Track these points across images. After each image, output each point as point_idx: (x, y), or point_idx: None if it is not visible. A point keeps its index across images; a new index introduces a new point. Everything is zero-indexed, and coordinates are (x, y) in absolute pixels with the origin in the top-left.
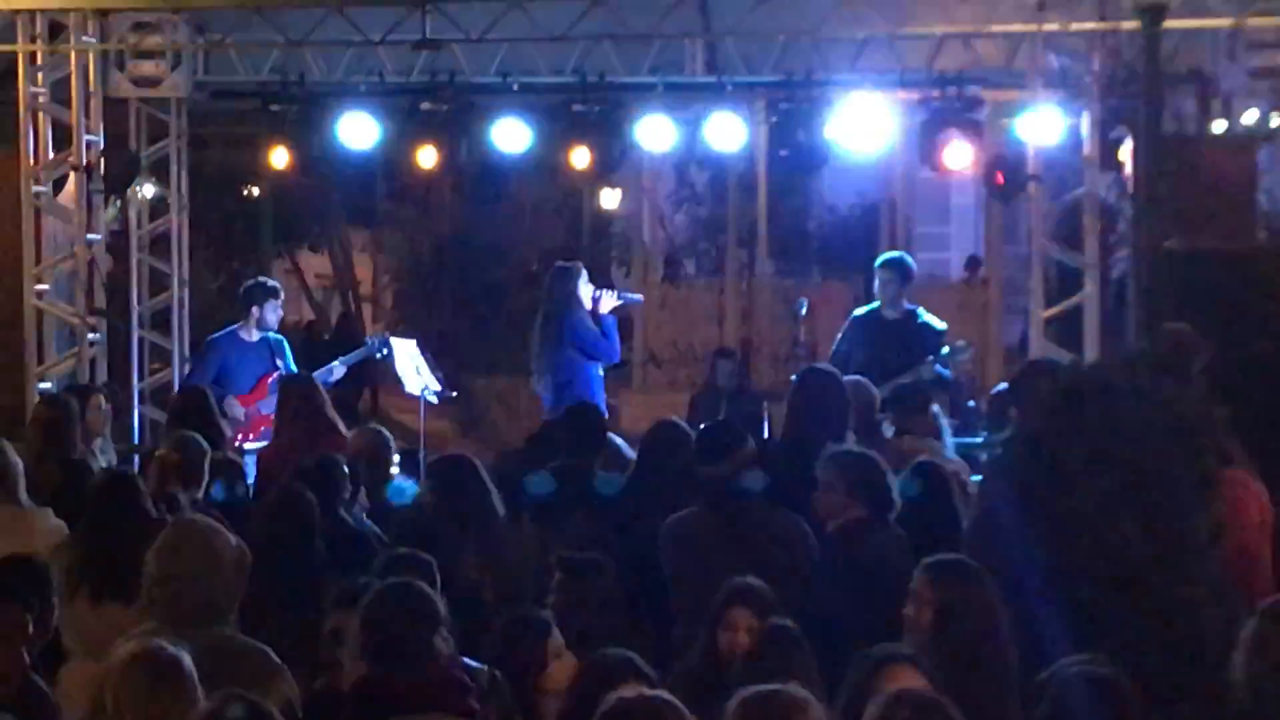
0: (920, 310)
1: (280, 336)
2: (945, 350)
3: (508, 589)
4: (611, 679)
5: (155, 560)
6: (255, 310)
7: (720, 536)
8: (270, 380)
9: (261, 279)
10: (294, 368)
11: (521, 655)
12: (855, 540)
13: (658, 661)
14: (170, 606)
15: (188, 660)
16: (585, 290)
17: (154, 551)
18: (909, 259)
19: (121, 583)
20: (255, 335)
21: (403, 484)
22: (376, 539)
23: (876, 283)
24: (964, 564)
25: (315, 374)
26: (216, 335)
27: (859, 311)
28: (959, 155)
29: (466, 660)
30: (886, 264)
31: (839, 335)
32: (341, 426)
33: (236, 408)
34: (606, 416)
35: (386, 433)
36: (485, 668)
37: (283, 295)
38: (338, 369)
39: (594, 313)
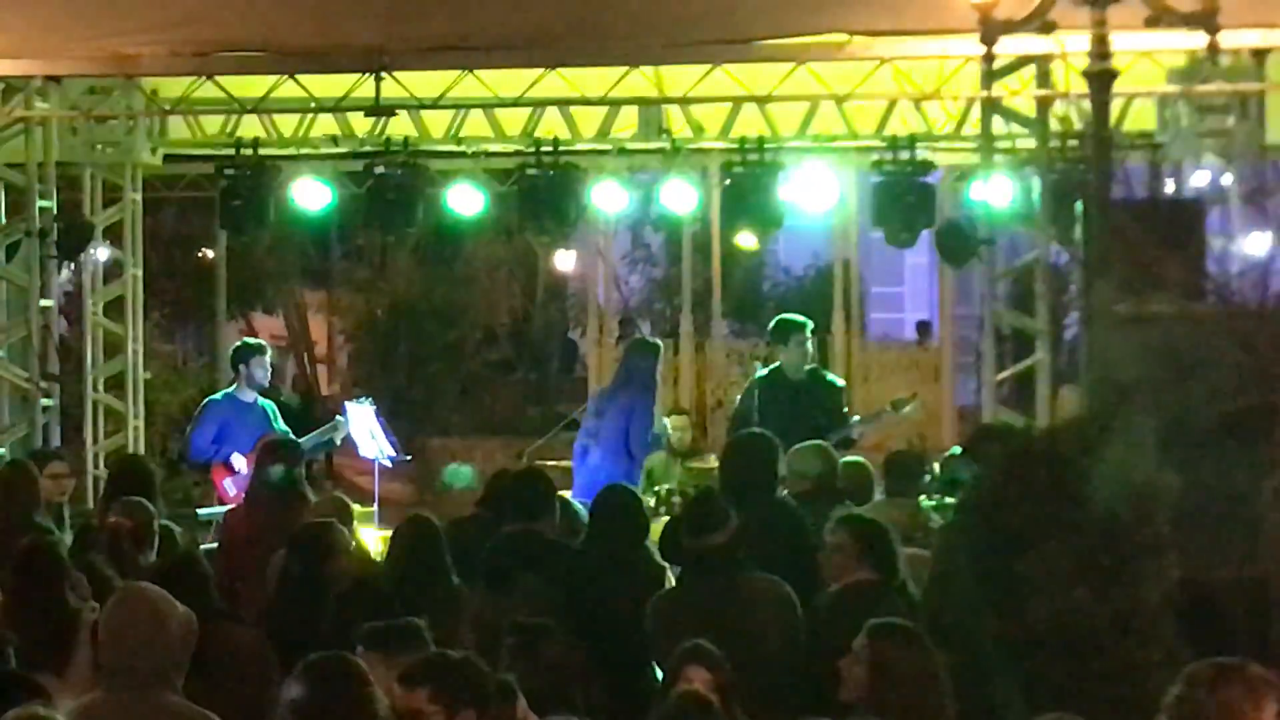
0: (821, 369)
1: (268, 402)
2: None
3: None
4: None
5: (103, 625)
6: (244, 369)
7: (708, 609)
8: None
9: (247, 339)
10: (286, 431)
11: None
12: (861, 601)
13: None
14: (115, 672)
15: None
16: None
17: (102, 616)
18: None
19: (50, 656)
20: (250, 396)
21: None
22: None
23: (791, 344)
24: (904, 627)
25: (314, 435)
26: (215, 396)
27: (761, 373)
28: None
29: None
30: (805, 326)
31: (740, 397)
32: (310, 494)
33: (242, 462)
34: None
35: (347, 500)
36: None
37: (270, 352)
38: (343, 425)
39: None
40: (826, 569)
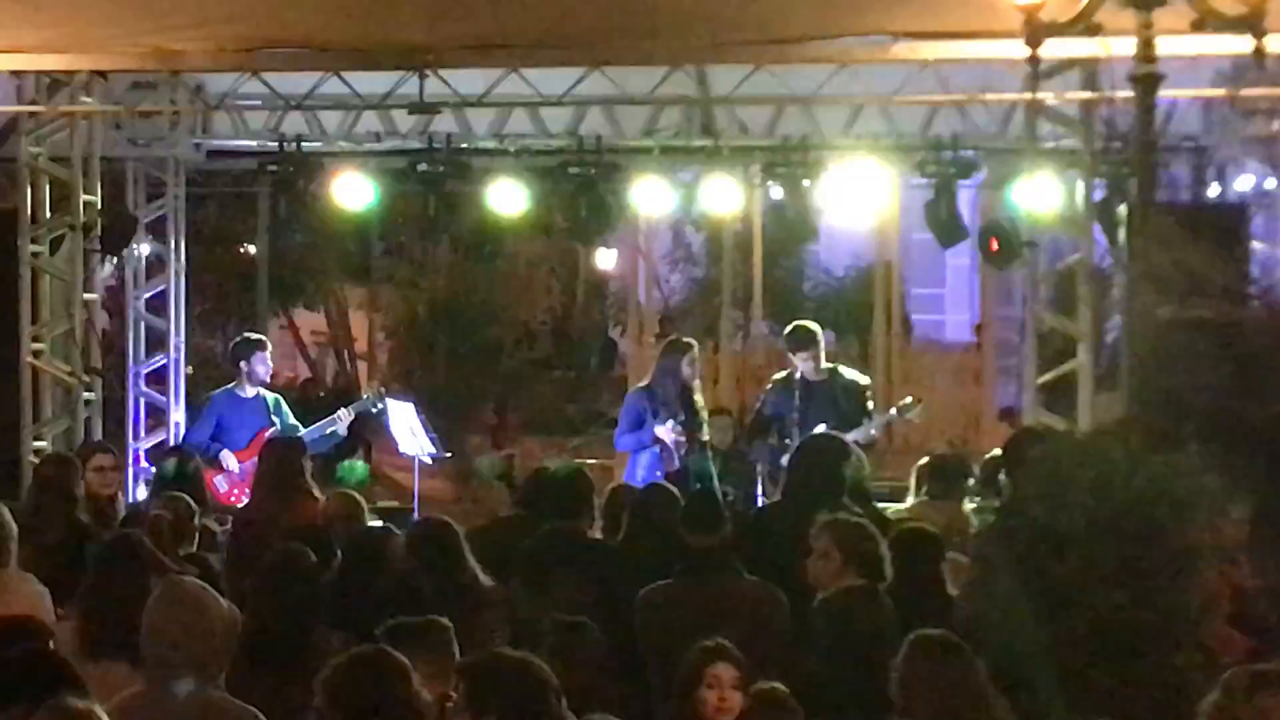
0: (839, 367)
1: (276, 395)
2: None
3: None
4: None
5: (146, 617)
6: (244, 365)
7: (698, 607)
8: (265, 436)
9: (247, 334)
10: (294, 424)
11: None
12: (847, 609)
13: None
14: (158, 665)
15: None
16: (689, 368)
17: (146, 609)
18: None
19: (123, 642)
20: (250, 391)
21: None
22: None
23: (809, 352)
24: (949, 640)
25: (316, 427)
26: (216, 392)
27: (779, 375)
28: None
29: None
30: (820, 336)
31: (760, 398)
32: (316, 491)
33: (232, 461)
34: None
35: (359, 497)
36: None
37: (270, 347)
38: (345, 417)
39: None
40: (812, 575)
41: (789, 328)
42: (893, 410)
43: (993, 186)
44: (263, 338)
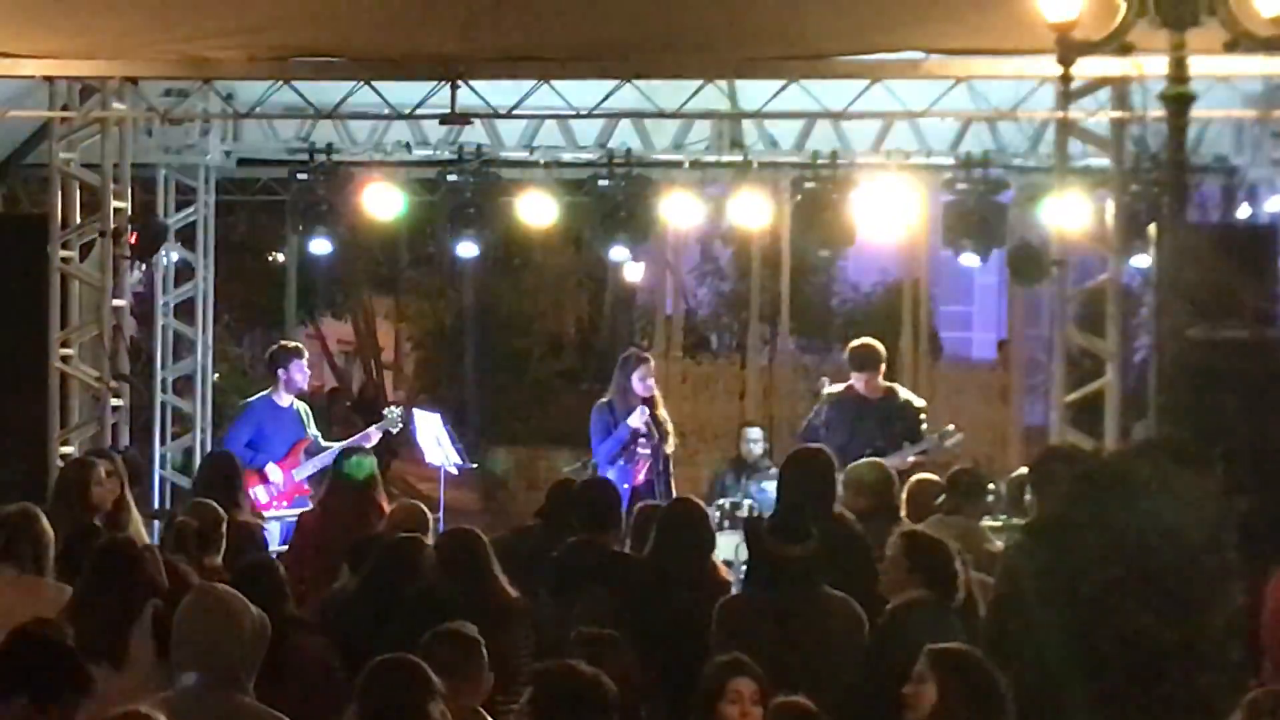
0: (896, 387)
1: (303, 404)
2: (926, 429)
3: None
4: None
5: (176, 624)
6: (282, 373)
7: (781, 619)
8: (303, 447)
9: (284, 342)
10: (316, 434)
11: None
12: (909, 620)
13: None
14: (188, 671)
15: None
16: (640, 384)
17: (176, 616)
18: None
19: (110, 648)
20: (286, 400)
21: None
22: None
23: (871, 372)
24: (963, 651)
25: (346, 443)
26: (252, 400)
27: (834, 389)
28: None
29: None
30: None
31: (814, 410)
32: (385, 502)
33: (277, 473)
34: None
35: (424, 507)
36: None
37: (306, 355)
38: (374, 435)
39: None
40: (883, 585)
41: (853, 345)
42: (934, 437)
43: (1022, 204)
44: (300, 345)
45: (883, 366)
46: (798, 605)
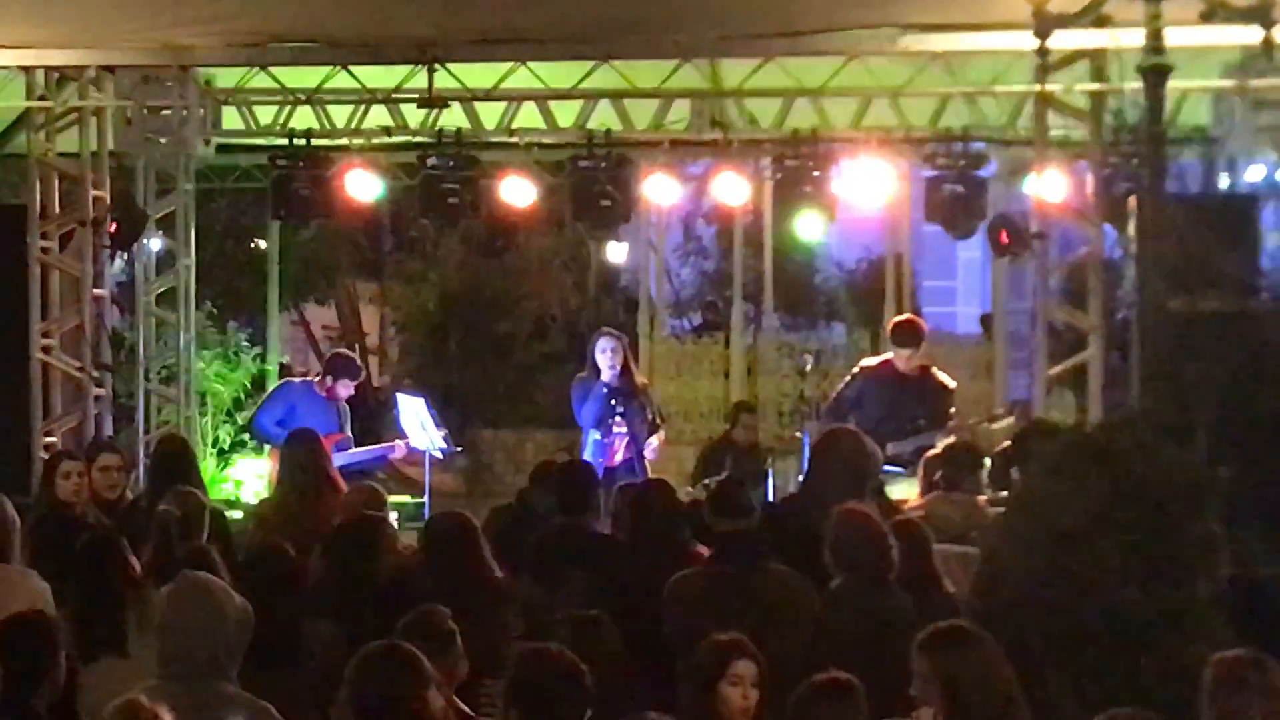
0: (932, 368)
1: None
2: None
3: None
4: None
5: (161, 613)
6: (330, 380)
7: (730, 593)
8: (335, 440)
9: (348, 354)
10: (349, 435)
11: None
12: (857, 597)
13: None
14: (172, 660)
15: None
16: (603, 359)
17: (160, 605)
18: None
19: (110, 638)
20: (324, 393)
21: None
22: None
23: (914, 349)
24: (961, 630)
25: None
26: (294, 380)
27: (870, 361)
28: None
29: None
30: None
31: (845, 381)
32: (341, 484)
33: None
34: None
35: (380, 489)
36: None
37: (362, 375)
38: (400, 449)
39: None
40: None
41: (898, 320)
42: (985, 420)
43: (1003, 178)
44: (360, 366)
45: (924, 345)
46: (740, 580)
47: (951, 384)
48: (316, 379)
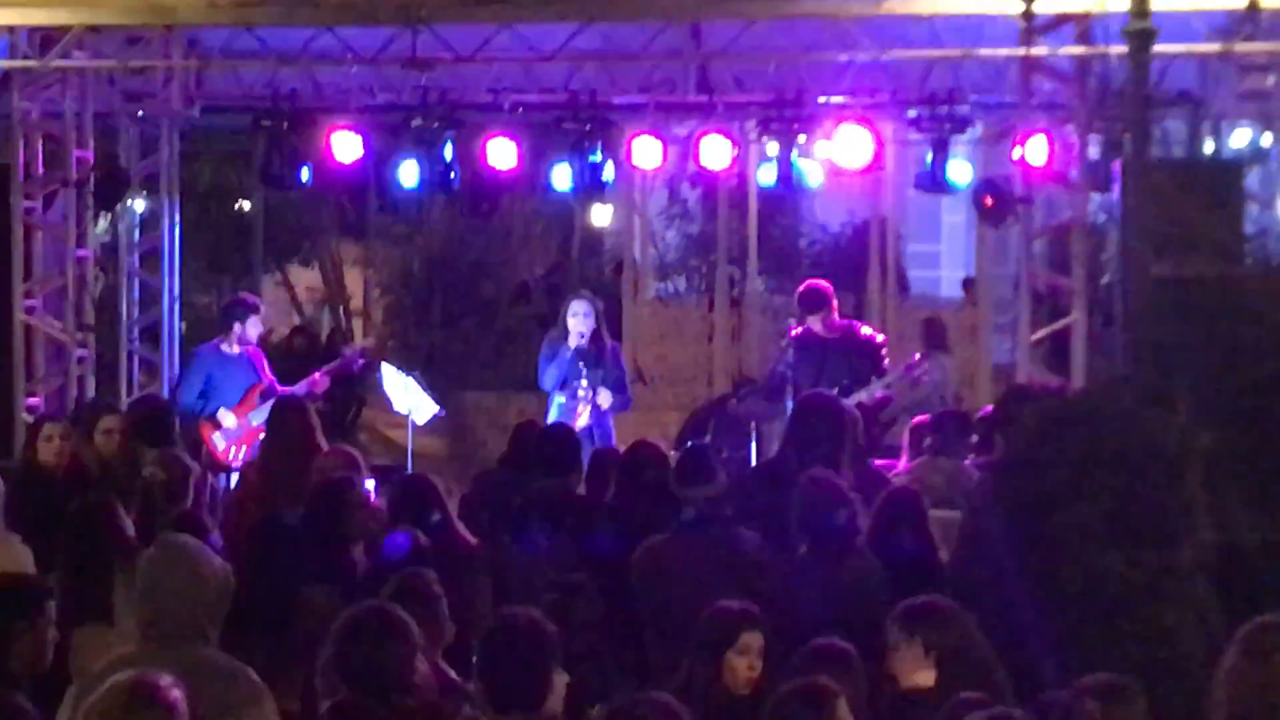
0: (855, 324)
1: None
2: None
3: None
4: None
5: (140, 577)
6: (237, 327)
7: (696, 560)
8: (258, 391)
9: (242, 295)
10: (271, 379)
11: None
12: (823, 564)
13: (637, 684)
14: (152, 624)
15: (175, 689)
16: (574, 321)
17: (139, 568)
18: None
19: (100, 604)
20: (236, 349)
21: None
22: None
23: (822, 313)
24: (937, 605)
25: (298, 386)
26: (200, 348)
27: (795, 331)
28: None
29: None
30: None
31: (776, 358)
32: (324, 446)
33: (230, 418)
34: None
35: (356, 453)
36: None
37: (263, 310)
38: (321, 380)
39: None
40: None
41: (801, 289)
42: (899, 369)
43: (988, 142)
44: (257, 300)
45: (834, 304)
46: (710, 547)
47: (879, 336)
48: (222, 338)
